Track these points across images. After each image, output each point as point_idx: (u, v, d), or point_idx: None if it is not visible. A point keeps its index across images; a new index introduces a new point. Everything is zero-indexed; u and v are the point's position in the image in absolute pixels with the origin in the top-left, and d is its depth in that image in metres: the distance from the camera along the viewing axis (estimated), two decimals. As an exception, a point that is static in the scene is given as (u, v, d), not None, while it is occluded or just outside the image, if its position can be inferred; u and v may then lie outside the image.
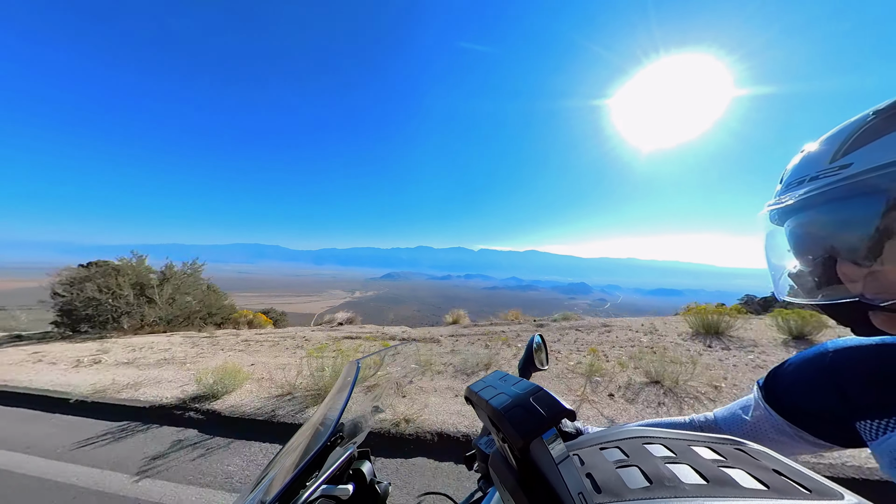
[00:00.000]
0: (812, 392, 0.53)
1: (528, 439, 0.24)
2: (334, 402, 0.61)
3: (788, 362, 0.59)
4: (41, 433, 2.85)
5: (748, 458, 0.32)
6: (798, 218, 0.46)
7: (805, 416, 0.54)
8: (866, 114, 0.40)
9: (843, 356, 0.51)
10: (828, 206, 0.41)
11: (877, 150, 0.36)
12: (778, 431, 0.57)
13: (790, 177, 0.46)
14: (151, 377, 4.02)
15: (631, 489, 0.28)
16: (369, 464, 0.63)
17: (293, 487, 0.48)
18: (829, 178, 0.39)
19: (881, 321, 0.40)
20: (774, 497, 0.25)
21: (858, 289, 0.40)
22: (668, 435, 0.39)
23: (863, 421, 0.48)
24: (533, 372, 0.80)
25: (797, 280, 0.48)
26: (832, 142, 0.41)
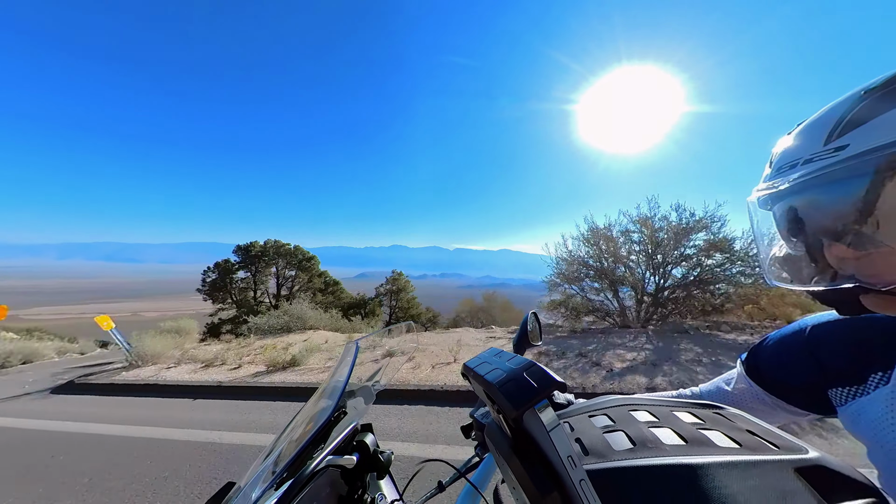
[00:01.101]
0: (790, 364, 0.57)
1: (522, 410, 0.26)
2: (336, 380, 0.63)
3: (769, 338, 0.63)
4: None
5: (725, 420, 0.37)
6: (791, 202, 0.45)
7: (783, 386, 0.58)
8: (856, 93, 0.39)
9: (820, 330, 0.55)
10: (823, 189, 0.40)
11: (873, 131, 0.36)
12: (758, 401, 0.61)
13: (781, 160, 0.45)
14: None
15: (616, 451, 0.32)
16: (372, 436, 0.66)
17: (301, 459, 0.51)
18: (825, 161, 0.38)
19: (874, 303, 0.41)
20: (746, 453, 0.30)
21: (851, 272, 0.40)
22: (652, 402, 0.44)
23: (834, 388, 0.52)
24: (527, 348, 0.83)
25: (787, 265, 0.49)
26: (825, 123, 0.40)
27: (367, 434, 0.65)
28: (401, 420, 3.11)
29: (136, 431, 3.30)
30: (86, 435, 3.30)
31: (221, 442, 2.92)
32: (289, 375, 4.71)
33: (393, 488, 0.68)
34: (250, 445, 2.82)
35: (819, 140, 0.40)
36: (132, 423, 3.52)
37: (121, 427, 3.44)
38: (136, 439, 3.11)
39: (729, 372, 0.69)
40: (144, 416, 3.71)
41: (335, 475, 0.55)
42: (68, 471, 2.60)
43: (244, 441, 2.93)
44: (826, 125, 0.40)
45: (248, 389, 4.35)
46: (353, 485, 0.58)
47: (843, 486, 0.28)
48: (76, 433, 3.37)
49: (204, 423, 3.42)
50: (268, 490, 0.47)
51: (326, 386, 0.67)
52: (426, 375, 4.13)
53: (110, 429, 3.42)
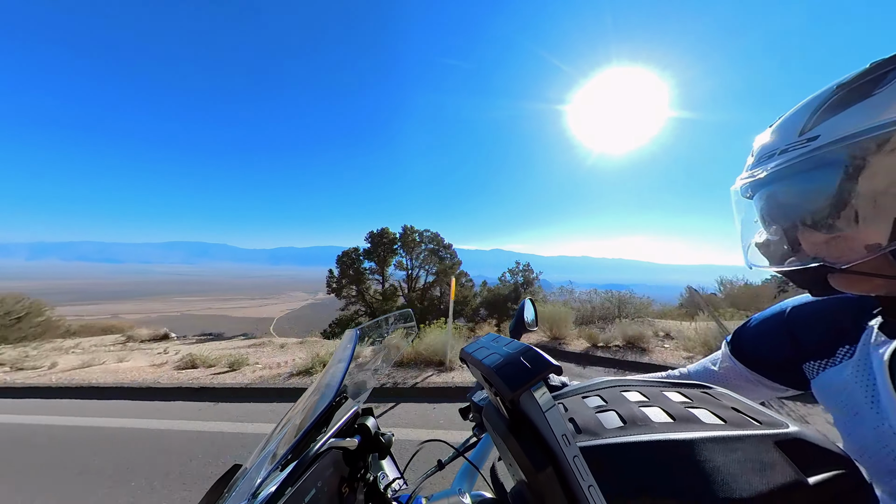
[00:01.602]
0: (771, 343, 0.62)
1: (518, 392, 0.26)
2: (337, 366, 0.64)
3: (752, 319, 0.66)
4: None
5: (712, 398, 0.39)
6: (768, 190, 0.48)
7: (764, 363, 0.63)
8: (830, 87, 0.42)
9: (798, 311, 0.60)
10: (796, 178, 0.43)
11: (841, 122, 0.38)
12: (741, 379, 0.66)
13: (761, 151, 0.47)
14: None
15: (607, 429, 0.34)
16: (373, 419, 0.67)
17: (304, 442, 0.53)
18: (797, 151, 0.41)
19: (839, 282, 0.45)
20: (730, 429, 0.32)
21: (821, 254, 0.43)
22: (643, 382, 0.45)
23: (808, 362, 0.57)
24: (523, 333, 0.87)
25: (764, 249, 0.51)
26: (801, 115, 0.43)
27: (368, 417, 0.67)
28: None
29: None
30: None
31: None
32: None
33: (394, 467, 0.70)
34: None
35: (794, 132, 0.42)
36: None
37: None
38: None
39: (715, 353, 0.73)
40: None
41: (338, 456, 0.57)
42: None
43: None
44: (801, 118, 0.42)
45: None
46: (356, 465, 0.60)
47: (818, 456, 0.30)
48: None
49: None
50: (273, 471, 0.48)
51: (327, 372, 0.69)
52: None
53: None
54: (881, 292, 0.44)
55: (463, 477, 0.63)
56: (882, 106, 0.36)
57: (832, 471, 0.29)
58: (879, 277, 0.41)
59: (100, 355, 6.43)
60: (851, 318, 0.53)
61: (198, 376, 4.78)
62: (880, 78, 0.37)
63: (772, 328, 0.62)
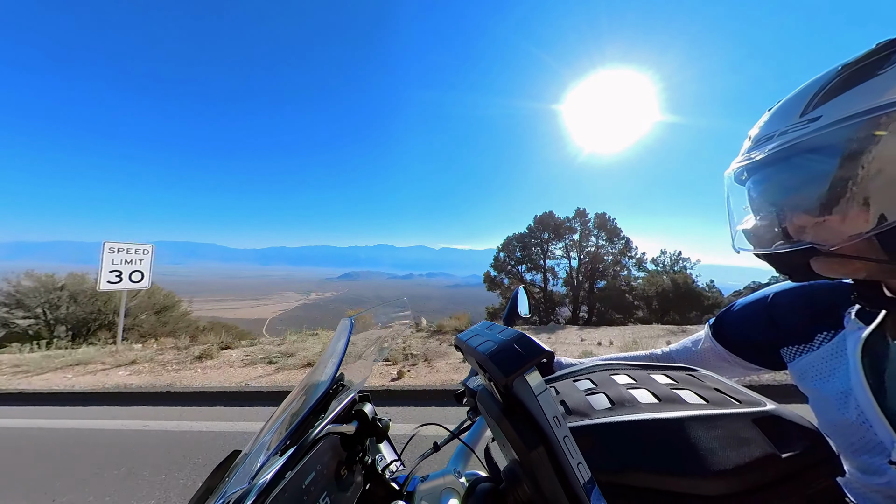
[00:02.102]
0: (752, 326, 0.64)
1: (512, 377, 0.27)
2: (332, 355, 0.65)
3: (735, 304, 0.69)
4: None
5: (695, 380, 0.41)
6: (765, 172, 0.47)
7: (743, 346, 0.66)
8: (835, 68, 0.41)
9: (779, 297, 0.62)
10: (795, 160, 0.42)
11: (844, 103, 0.37)
12: (719, 359, 0.69)
13: (760, 133, 0.47)
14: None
15: (596, 410, 0.36)
16: (370, 405, 0.69)
17: (302, 428, 0.54)
18: (798, 132, 0.40)
19: (822, 266, 0.45)
20: (712, 408, 0.34)
21: (808, 237, 0.44)
22: (632, 365, 0.47)
23: (786, 346, 0.60)
24: (517, 320, 0.90)
25: (752, 234, 0.52)
26: (802, 97, 0.42)
27: (366, 403, 0.68)
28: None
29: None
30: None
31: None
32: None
33: (391, 450, 0.72)
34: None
35: (795, 113, 0.42)
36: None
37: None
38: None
39: (697, 334, 0.75)
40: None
41: (336, 441, 0.59)
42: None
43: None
44: (803, 99, 0.41)
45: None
46: (354, 449, 0.62)
47: (791, 432, 0.32)
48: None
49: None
50: (272, 456, 0.49)
51: (323, 360, 0.70)
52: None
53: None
54: (861, 276, 0.45)
55: (458, 458, 0.65)
56: (887, 86, 0.35)
57: (803, 445, 0.31)
58: (864, 261, 0.41)
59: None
60: (831, 306, 0.56)
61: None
62: (885, 59, 0.37)
63: (754, 313, 0.65)
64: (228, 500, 0.42)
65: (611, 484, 0.30)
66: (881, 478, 0.47)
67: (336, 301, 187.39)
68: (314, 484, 0.51)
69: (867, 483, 0.49)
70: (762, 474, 0.29)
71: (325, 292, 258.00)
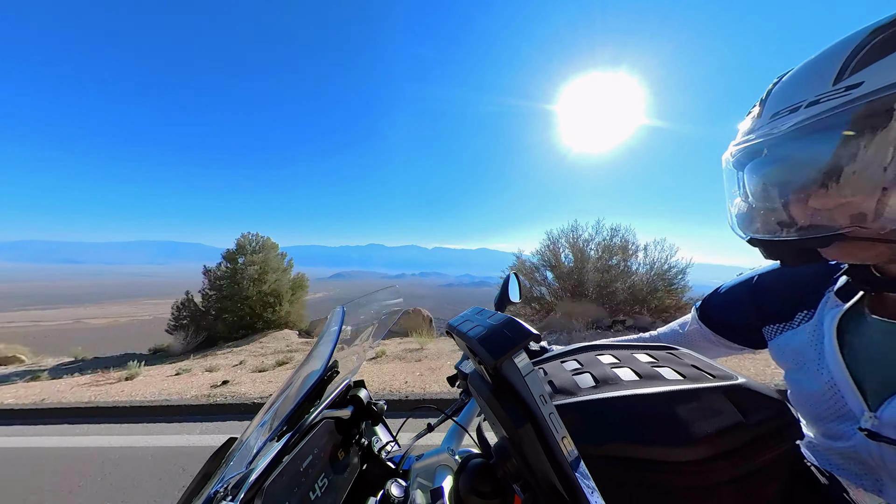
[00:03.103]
0: (737, 308, 0.66)
1: (501, 360, 0.29)
2: (325, 343, 0.66)
3: (722, 287, 0.71)
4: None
5: (675, 358, 0.43)
6: (789, 147, 0.41)
7: (727, 327, 0.68)
8: (862, 31, 0.36)
9: (764, 278, 0.64)
10: (830, 132, 0.37)
11: (886, 68, 0.33)
12: (704, 340, 0.72)
13: (778, 104, 0.41)
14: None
15: (581, 388, 0.38)
16: (365, 390, 0.71)
17: (298, 413, 0.54)
18: (835, 100, 0.35)
19: (841, 252, 0.42)
20: (688, 383, 0.36)
21: (827, 220, 0.40)
22: (617, 346, 0.49)
23: (768, 325, 0.62)
24: (507, 305, 0.95)
25: (762, 219, 0.48)
26: (832, 62, 0.36)
27: (361, 389, 0.70)
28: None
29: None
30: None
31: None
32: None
33: (387, 432, 0.74)
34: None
35: (826, 80, 0.37)
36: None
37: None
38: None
39: (684, 317, 0.78)
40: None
41: (331, 425, 0.60)
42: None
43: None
44: (834, 64, 0.36)
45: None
46: (350, 432, 0.63)
47: (759, 402, 0.35)
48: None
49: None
50: (269, 441, 0.50)
51: (317, 349, 0.71)
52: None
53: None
54: (882, 260, 0.42)
55: (451, 437, 0.68)
56: None
57: (768, 413, 0.34)
58: (890, 244, 0.38)
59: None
60: (812, 287, 0.58)
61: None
62: None
63: (739, 296, 0.67)
64: (227, 485, 0.43)
65: (593, 455, 0.32)
66: (846, 442, 0.49)
67: (329, 301, 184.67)
68: (311, 466, 0.52)
69: (830, 446, 0.52)
70: (730, 440, 0.32)
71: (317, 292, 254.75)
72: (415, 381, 4.01)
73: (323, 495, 0.53)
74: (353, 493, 0.61)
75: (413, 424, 0.69)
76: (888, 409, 0.44)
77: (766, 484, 0.33)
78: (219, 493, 0.41)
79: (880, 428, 0.44)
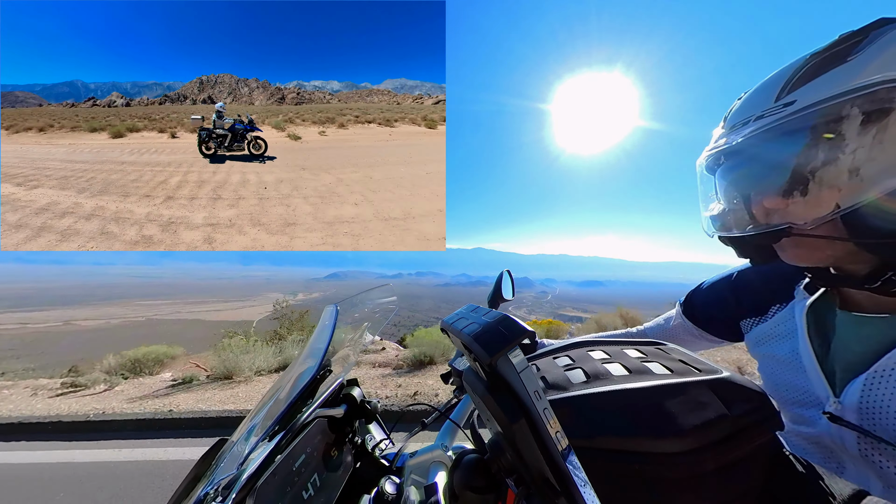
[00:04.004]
0: (718, 304, 0.70)
1: (496, 357, 0.29)
2: (318, 341, 0.66)
3: (705, 283, 0.75)
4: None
5: (663, 353, 0.45)
6: (742, 156, 0.49)
7: (709, 320, 0.72)
8: (803, 57, 0.44)
9: (742, 275, 0.69)
10: (770, 143, 0.44)
11: (816, 88, 0.40)
12: (688, 333, 0.76)
13: (734, 118, 0.48)
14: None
15: (573, 384, 0.39)
16: (358, 389, 0.71)
17: (291, 413, 0.54)
18: (774, 116, 0.42)
19: (789, 251, 0.48)
20: (675, 377, 0.38)
21: (777, 219, 0.45)
22: (607, 341, 0.50)
23: (744, 319, 0.66)
24: (501, 302, 0.95)
25: (723, 219, 0.54)
26: (776, 83, 0.44)
27: (354, 387, 0.70)
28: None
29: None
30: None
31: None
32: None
33: (381, 430, 0.74)
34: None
35: (770, 98, 0.44)
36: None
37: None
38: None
39: (669, 312, 0.82)
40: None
41: (324, 424, 0.60)
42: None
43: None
44: (776, 85, 0.44)
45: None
46: (343, 431, 0.63)
47: (741, 394, 0.36)
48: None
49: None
50: (261, 442, 0.50)
51: (309, 347, 0.71)
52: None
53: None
54: (829, 263, 0.47)
55: (445, 434, 0.68)
56: (855, 72, 0.38)
57: (750, 405, 0.35)
58: (829, 240, 0.43)
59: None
60: (784, 282, 0.62)
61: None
62: (852, 47, 0.40)
63: (720, 291, 0.71)
64: (218, 486, 0.42)
65: (584, 448, 0.32)
66: (812, 427, 0.53)
67: (326, 301, 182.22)
68: (304, 466, 0.52)
69: (797, 431, 0.56)
70: (716, 432, 0.33)
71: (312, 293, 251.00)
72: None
73: (316, 494, 0.53)
74: (347, 492, 0.61)
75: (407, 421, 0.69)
76: (849, 393, 0.47)
77: (748, 473, 0.34)
78: (209, 495, 0.41)
79: (842, 412, 0.47)
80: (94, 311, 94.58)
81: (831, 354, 0.52)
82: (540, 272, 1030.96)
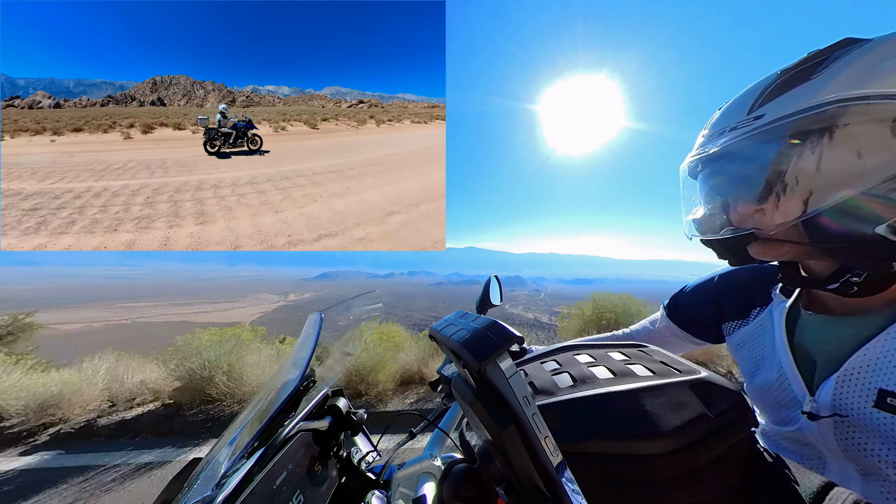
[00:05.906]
0: (701, 307, 0.72)
1: (485, 363, 0.29)
2: (301, 351, 0.64)
3: (688, 286, 0.77)
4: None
5: (645, 355, 0.46)
6: (717, 165, 0.52)
7: (692, 323, 0.74)
8: (774, 73, 0.47)
9: (723, 278, 0.70)
10: (741, 153, 0.47)
11: (783, 103, 0.43)
12: (672, 335, 0.78)
13: (712, 129, 0.52)
14: None
15: (560, 388, 0.40)
16: (344, 399, 0.69)
17: (271, 428, 0.52)
18: (745, 128, 0.46)
19: (757, 250, 0.50)
20: (658, 379, 0.39)
21: (749, 224, 0.48)
22: (592, 345, 0.51)
23: (726, 322, 0.67)
24: (489, 308, 0.96)
25: (702, 222, 0.57)
26: (749, 97, 0.47)
27: (339, 398, 0.67)
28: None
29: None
30: None
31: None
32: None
33: (367, 442, 0.72)
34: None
35: (743, 111, 0.47)
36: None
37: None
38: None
39: (654, 315, 0.84)
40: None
41: (308, 438, 0.57)
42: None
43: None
44: (749, 99, 0.47)
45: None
46: (328, 444, 0.61)
47: (719, 394, 0.38)
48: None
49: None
50: (238, 460, 0.47)
51: (292, 358, 0.68)
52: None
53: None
54: (788, 258, 0.51)
55: (434, 443, 0.67)
56: (818, 89, 0.41)
57: (728, 404, 0.37)
58: (791, 244, 0.47)
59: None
60: (763, 286, 0.64)
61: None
62: (816, 66, 0.43)
63: (702, 294, 0.73)
64: None
65: (572, 453, 0.33)
66: (793, 426, 0.55)
67: (318, 302, 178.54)
68: (286, 483, 0.50)
69: (780, 432, 0.58)
70: (696, 431, 0.34)
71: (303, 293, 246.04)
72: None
73: None
74: None
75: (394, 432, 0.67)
76: (823, 392, 0.50)
77: (724, 470, 0.35)
78: None
79: (818, 409, 0.50)
80: (72, 313, 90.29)
81: (807, 355, 0.54)
82: (531, 270, 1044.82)
